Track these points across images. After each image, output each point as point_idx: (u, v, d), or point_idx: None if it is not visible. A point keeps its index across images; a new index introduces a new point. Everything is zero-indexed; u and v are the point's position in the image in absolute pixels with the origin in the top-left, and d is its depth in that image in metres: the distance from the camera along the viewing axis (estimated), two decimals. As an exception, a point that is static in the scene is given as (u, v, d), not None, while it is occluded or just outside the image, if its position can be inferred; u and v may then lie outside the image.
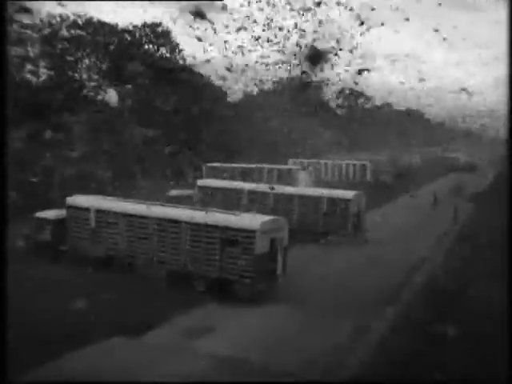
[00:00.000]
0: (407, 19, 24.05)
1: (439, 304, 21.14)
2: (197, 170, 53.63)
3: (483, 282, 22.80)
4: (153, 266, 24.56)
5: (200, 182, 39.82)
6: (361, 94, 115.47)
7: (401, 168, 76.42)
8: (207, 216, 23.65)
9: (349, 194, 35.95)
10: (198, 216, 23.98)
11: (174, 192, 38.69)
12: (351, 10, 22.06)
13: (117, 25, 60.58)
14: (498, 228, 34.46)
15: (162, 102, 53.53)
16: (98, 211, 26.69)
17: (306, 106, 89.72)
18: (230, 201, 36.41)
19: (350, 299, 22.57)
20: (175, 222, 24.23)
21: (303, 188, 43.44)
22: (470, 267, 26.02)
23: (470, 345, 16.73)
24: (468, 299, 21.53)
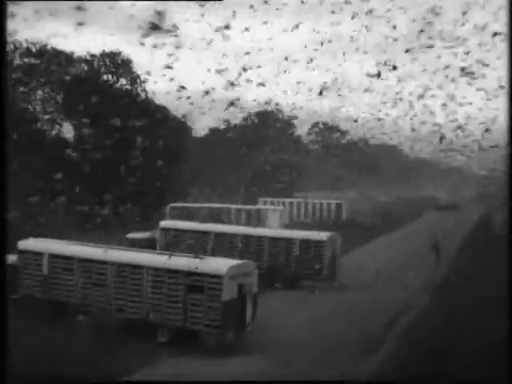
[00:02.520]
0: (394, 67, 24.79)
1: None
2: (159, 211, 53.53)
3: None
4: (111, 315, 24.29)
5: (163, 224, 39.55)
6: (335, 129, 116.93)
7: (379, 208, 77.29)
8: (170, 260, 23.58)
9: (323, 235, 36.09)
10: (160, 260, 23.90)
11: (133, 234, 38.41)
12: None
13: (73, 53, 60.76)
14: (485, 271, 34.92)
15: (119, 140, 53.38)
16: (52, 256, 26.39)
17: (277, 141, 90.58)
18: (196, 244, 36.29)
19: (326, 350, 22.44)
20: (135, 266, 24.07)
21: (274, 229, 43.56)
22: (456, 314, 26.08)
23: None
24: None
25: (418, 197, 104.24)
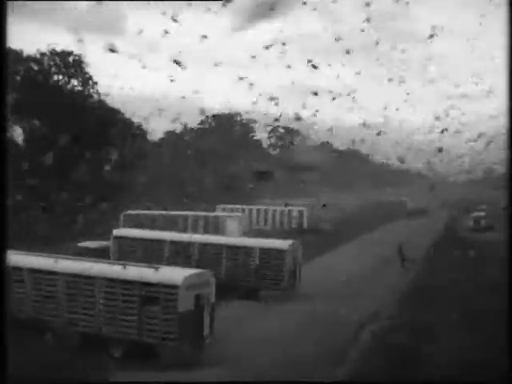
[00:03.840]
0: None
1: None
2: (112, 218, 53.16)
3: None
4: (63, 329, 24.12)
5: (116, 232, 39.34)
6: (296, 133, 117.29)
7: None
8: (123, 270, 23.53)
9: (284, 243, 36.26)
10: (113, 270, 23.84)
11: (85, 243, 38.12)
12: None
13: (22, 51, 59.87)
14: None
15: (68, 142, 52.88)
16: None
17: (235, 145, 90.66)
18: (151, 253, 36.18)
19: (287, 363, 22.51)
20: (86, 277, 23.94)
21: (232, 237, 43.59)
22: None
23: None
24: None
25: (385, 201, 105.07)
